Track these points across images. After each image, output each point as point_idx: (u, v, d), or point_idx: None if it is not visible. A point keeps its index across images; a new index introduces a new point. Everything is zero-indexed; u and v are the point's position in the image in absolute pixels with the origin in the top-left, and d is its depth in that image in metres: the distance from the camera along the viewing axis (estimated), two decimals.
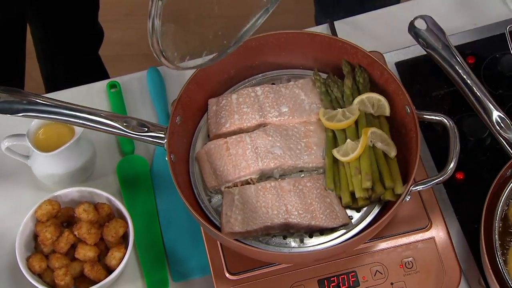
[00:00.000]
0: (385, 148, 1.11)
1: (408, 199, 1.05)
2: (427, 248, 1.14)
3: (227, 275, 1.12)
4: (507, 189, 1.13)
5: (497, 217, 1.11)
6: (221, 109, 1.17)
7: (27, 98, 1.09)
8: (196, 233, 1.20)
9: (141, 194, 1.27)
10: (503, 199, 1.12)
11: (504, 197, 1.12)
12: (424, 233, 1.14)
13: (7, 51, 1.53)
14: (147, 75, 1.37)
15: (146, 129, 1.11)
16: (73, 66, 1.91)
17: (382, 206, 1.10)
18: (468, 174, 1.24)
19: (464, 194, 1.23)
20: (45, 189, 1.26)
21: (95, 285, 1.13)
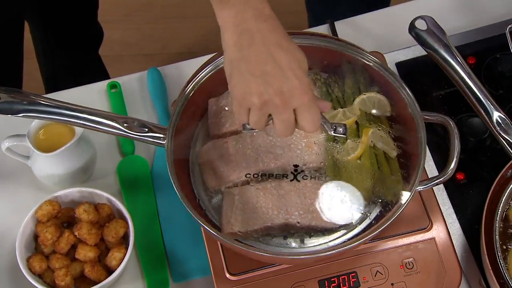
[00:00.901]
0: (385, 148, 1.10)
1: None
2: (428, 248, 1.14)
3: (228, 275, 1.12)
4: (507, 189, 1.13)
5: (498, 218, 1.11)
6: (221, 109, 1.17)
7: (28, 99, 1.09)
8: (196, 234, 1.20)
9: (142, 194, 1.27)
10: (503, 199, 1.12)
11: (504, 197, 1.12)
12: (425, 233, 1.14)
13: (5, 51, 1.53)
14: (148, 76, 1.37)
15: (147, 129, 1.11)
16: (73, 66, 1.91)
17: (383, 207, 1.09)
18: (468, 174, 1.23)
19: (465, 195, 1.23)
20: (45, 189, 1.25)
21: (95, 285, 1.13)
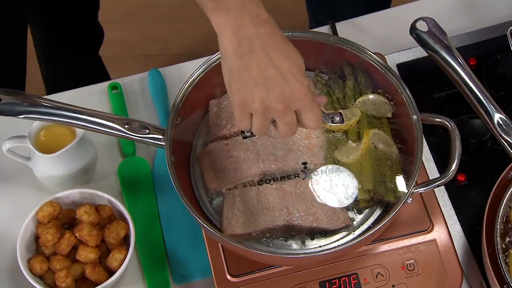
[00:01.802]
0: (386, 149, 1.10)
1: (410, 201, 1.05)
2: (429, 250, 1.13)
3: (228, 277, 1.12)
4: (508, 191, 1.12)
5: (499, 220, 1.10)
6: (222, 111, 1.17)
7: (29, 100, 1.08)
8: (197, 235, 1.20)
9: (142, 195, 1.27)
10: (505, 201, 1.12)
11: (506, 199, 1.12)
12: (426, 235, 1.14)
13: (7, 52, 1.53)
14: (149, 77, 1.37)
15: (147, 130, 1.11)
16: (73, 66, 1.91)
17: (384, 208, 1.09)
18: (469, 176, 1.23)
19: (466, 196, 1.22)
20: (46, 190, 1.25)
21: (96, 287, 1.13)
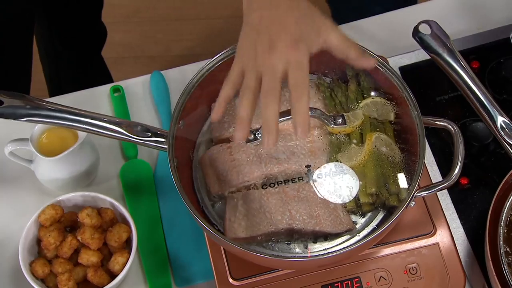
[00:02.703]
0: (389, 152, 1.10)
1: (412, 205, 1.05)
2: (432, 254, 1.13)
3: (230, 280, 1.12)
4: None
5: (502, 223, 1.10)
6: (224, 114, 1.17)
7: (31, 103, 1.08)
8: (199, 238, 1.20)
9: (145, 198, 1.27)
10: (508, 205, 1.11)
11: (509, 203, 1.12)
12: (428, 239, 1.14)
13: (14, 51, 1.52)
14: (151, 79, 1.37)
15: (149, 133, 1.11)
16: (76, 66, 1.91)
17: (387, 212, 1.09)
18: (472, 179, 1.23)
19: (469, 200, 1.22)
20: (48, 193, 1.25)
21: None
